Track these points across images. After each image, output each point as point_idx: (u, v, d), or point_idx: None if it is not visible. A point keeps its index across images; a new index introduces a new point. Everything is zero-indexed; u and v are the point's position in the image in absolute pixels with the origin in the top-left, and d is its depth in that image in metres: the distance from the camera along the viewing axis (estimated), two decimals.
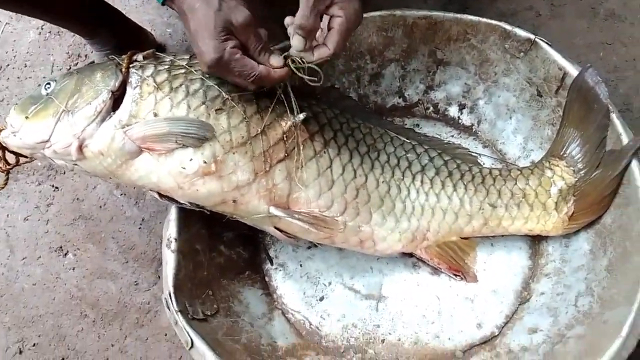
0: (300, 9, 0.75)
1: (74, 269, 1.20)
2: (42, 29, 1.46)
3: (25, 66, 1.42)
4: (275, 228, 0.91)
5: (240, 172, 0.83)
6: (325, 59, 0.79)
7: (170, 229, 0.90)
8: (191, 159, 0.81)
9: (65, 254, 1.21)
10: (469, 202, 0.95)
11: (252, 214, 0.88)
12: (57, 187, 1.27)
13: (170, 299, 0.85)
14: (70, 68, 1.41)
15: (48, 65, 1.42)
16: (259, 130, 0.84)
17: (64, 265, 1.21)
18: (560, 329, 0.87)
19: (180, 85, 0.83)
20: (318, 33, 0.80)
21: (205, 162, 0.81)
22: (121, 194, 1.23)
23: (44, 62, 1.42)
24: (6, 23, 1.47)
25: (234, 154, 0.83)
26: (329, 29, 0.78)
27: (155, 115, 0.81)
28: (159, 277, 1.15)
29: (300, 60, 0.80)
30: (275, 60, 0.80)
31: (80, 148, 0.81)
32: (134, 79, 0.83)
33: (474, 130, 1.12)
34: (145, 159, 0.82)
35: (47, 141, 0.82)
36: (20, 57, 1.43)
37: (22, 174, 1.29)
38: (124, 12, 1.30)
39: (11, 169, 0.89)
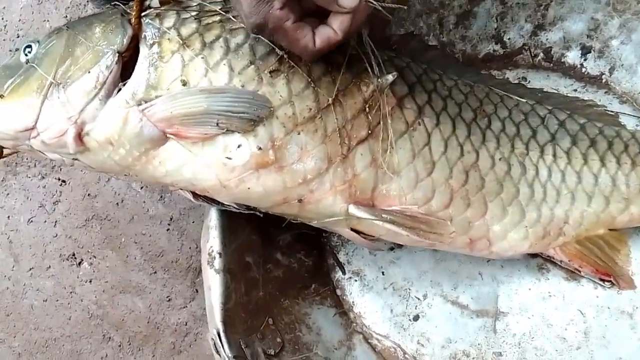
0: None
1: (90, 281, 1.05)
2: None
3: (18, 37, 1.25)
4: (353, 230, 0.72)
5: (309, 159, 0.64)
6: None
7: (212, 240, 0.71)
8: (239, 145, 0.61)
9: (80, 263, 1.07)
10: (624, 180, 0.76)
11: (325, 216, 0.68)
12: (64, 181, 1.11)
13: (220, 340, 0.67)
14: None
15: (44, 32, 1.23)
16: (331, 98, 0.64)
17: (78, 276, 1.06)
18: None
19: (217, 38, 0.63)
20: None
21: (259, 149, 0.61)
22: (141, 188, 1.07)
23: (40, 30, 1.25)
24: None
25: (298, 134, 0.63)
26: None
27: (185, 84, 0.60)
28: (197, 291, 1.00)
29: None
30: (345, 1, 0.55)
31: (79, 136, 0.61)
32: (149, 32, 0.62)
33: (604, 80, 0.92)
34: (172, 148, 0.61)
35: (32, 128, 0.62)
36: (12, 26, 1.27)
37: (22, 166, 1.14)
38: None
39: None
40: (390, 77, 0.66)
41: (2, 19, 1.26)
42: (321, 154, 0.64)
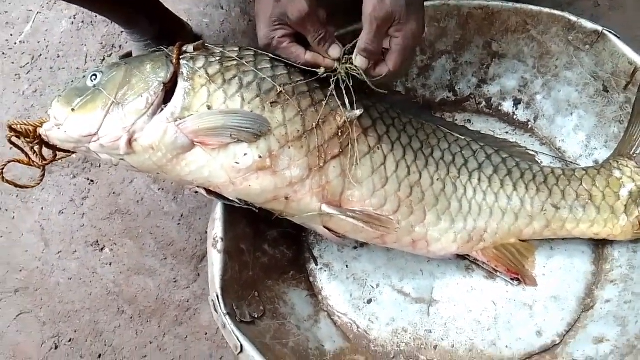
0: (365, 32, 0.76)
1: (110, 264, 1.18)
2: (74, 18, 1.43)
3: (58, 57, 1.40)
4: (325, 227, 0.88)
5: (295, 167, 0.80)
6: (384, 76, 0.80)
7: (217, 229, 0.87)
8: (245, 154, 0.78)
9: (102, 249, 1.19)
10: (530, 202, 0.91)
11: (304, 211, 0.84)
12: (92, 181, 1.25)
13: (218, 301, 0.82)
14: (104, 59, 1.39)
15: (81, 56, 1.39)
16: (314, 124, 0.81)
17: (100, 260, 1.19)
18: (630, 339, 0.82)
19: (234, 77, 0.80)
20: None
21: (260, 157, 0.78)
22: (159, 189, 1.21)
23: (77, 52, 1.39)
24: (37, 12, 1.45)
25: (289, 148, 0.80)
26: (389, 48, 0.78)
27: (209, 108, 0.78)
28: (199, 275, 1.13)
29: (355, 67, 0.80)
30: (334, 51, 0.80)
31: (129, 142, 0.78)
32: (185, 70, 0.80)
33: (530, 126, 1.07)
34: (197, 153, 0.78)
35: (94, 134, 0.78)
36: (53, 47, 1.41)
37: (57, 166, 1.27)
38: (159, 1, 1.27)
39: (48, 164, 0.85)
40: (357, 112, 0.82)
41: (45, 39, 1.40)
42: (304, 164, 0.80)
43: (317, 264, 1.01)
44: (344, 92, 0.83)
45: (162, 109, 0.78)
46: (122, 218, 1.20)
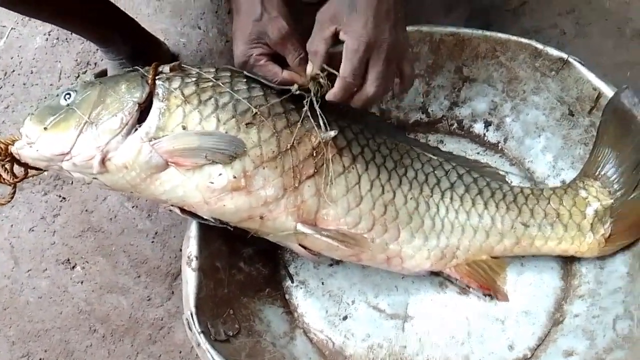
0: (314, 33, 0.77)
1: (82, 282, 1.17)
2: (49, 34, 1.42)
3: (32, 72, 1.39)
4: (300, 245, 0.89)
5: (270, 187, 0.81)
6: (345, 88, 0.78)
7: (191, 247, 0.87)
8: (220, 174, 0.79)
9: (73, 267, 1.18)
10: (500, 220, 0.93)
11: (279, 230, 0.85)
12: (64, 198, 1.24)
13: (192, 319, 0.82)
14: (78, 76, 1.38)
15: (55, 72, 1.38)
16: (289, 145, 0.82)
17: (71, 278, 1.17)
18: (598, 352, 0.85)
19: (209, 98, 0.80)
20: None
21: (234, 177, 0.79)
22: (133, 207, 1.20)
23: (51, 69, 1.38)
24: (12, 28, 1.43)
25: (264, 168, 0.80)
26: None
27: (184, 128, 0.78)
28: (173, 293, 1.13)
29: (327, 83, 0.81)
30: (311, 70, 0.81)
31: (103, 161, 0.78)
32: (160, 91, 0.80)
33: (500, 147, 1.10)
34: (171, 173, 0.79)
35: (67, 153, 0.78)
36: (26, 63, 1.39)
37: (28, 183, 1.26)
38: (136, 20, 1.27)
39: (19, 182, 0.84)
40: (332, 133, 0.83)
41: (18, 55, 1.38)
42: (279, 184, 0.80)
43: (293, 281, 1.01)
44: (319, 113, 0.83)
45: (137, 129, 0.78)
46: (94, 236, 1.19)
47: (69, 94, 0.82)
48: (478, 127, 1.11)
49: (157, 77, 0.81)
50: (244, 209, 0.81)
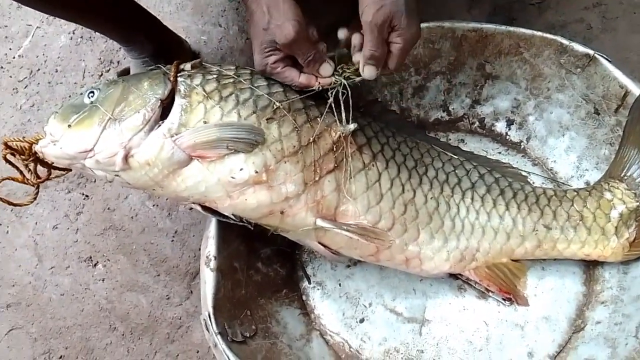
0: (368, 40, 0.76)
1: (103, 280, 1.18)
2: (73, 33, 1.44)
3: (57, 71, 1.40)
4: (319, 243, 0.88)
5: (291, 182, 0.81)
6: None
7: (210, 247, 0.87)
8: (242, 168, 0.79)
9: (95, 265, 1.19)
10: (521, 222, 0.91)
11: (299, 226, 0.85)
12: (87, 196, 1.25)
13: (210, 320, 0.82)
14: (102, 74, 1.40)
15: (79, 71, 1.40)
16: (310, 139, 0.82)
17: (93, 276, 1.19)
18: None
19: (230, 94, 0.81)
20: None
21: (256, 172, 0.79)
22: (153, 205, 1.21)
23: (75, 67, 1.40)
24: (37, 27, 1.45)
25: (285, 163, 0.81)
26: (390, 52, 0.78)
27: (206, 123, 0.78)
28: (192, 292, 1.13)
29: (348, 71, 0.82)
30: (325, 70, 0.82)
31: (126, 158, 0.78)
32: (182, 87, 0.81)
33: (522, 147, 1.08)
34: (194, 167, 0.79)
35: (90, 150, 0.79)
36: (51, 62, 1.41)
37: (52, 181, 1.19)
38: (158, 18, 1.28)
39: (42, 182, 0.85)
40: (351, 126, 0.83)
41: (44, 54, 1.40)
42: (300, 179, 0.80)
43: (310, 282, 1.00)
44: (342, 106, 0.83)
45: (159, 125, 0.79)
46: (116, 234, 1.20)
47: (92, 92, 0.83)
48: (500, 126, 1.09)
49: (178, 75, 0.82)
50: (265, 204, 0.81)
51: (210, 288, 0.84)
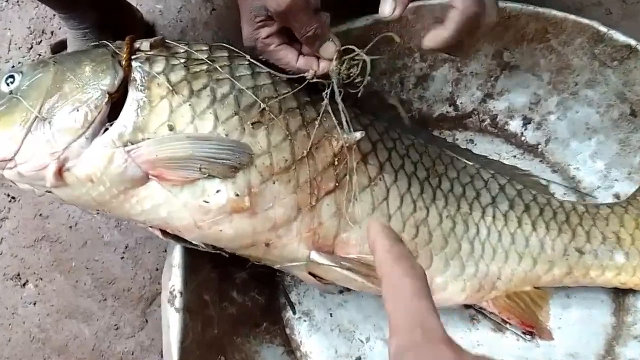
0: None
1: (35, 303, 0.98)
2: None
3: None
4: (310, 273, 0.72)
5: (280, 207, 0.64)
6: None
7: (174, 279, 0.69)
8: (218, 190, 0.61)
9: (24, 284, 1.00)
10: (551, 245, 0.78)
11: (288, 260, 0.69)
12: (13, 198, 1.04)
13: None
14: (32, 47, 1.17)
15: (4, 43, 1.17)
16: (306, 151, 0.65)
17: (22, 297, 0.99)
18: None
19: (204, 87, 0.62)
20: None
21: (237, 195, 0.61)
22: (97, 213, 1.00)
23: (0, 38, 1.18)
24: None
25: (274, 183, 0.63)
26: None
27: (171, 128, 0.59)
28: (146, 321, 0.95)
29: (354, 59, 0.65)
30: (326, 50, 0.65)
31: (59, 171, 0.59)
32: (138, 76, 0.61)
33: (540, 150, 0.95)
34: (152, 188, 0.60)
35: (9, 160, 0.59)
36: None
37: None
38: None
39: None
40: (358, 135, 0.67)
41: None
42: (292, 203, 0.64)
43: (294, 312, 0.84)
44: (340, 107, 0.66)
45: (107, 129, 0.59)
46: (50, 247, 1.00)
47: (12, 76, 0.63)
48: (515, 125, 0.96)
49: (133, 57, 0.63)
50: (246, 234, 0.64)
51: (175, 334, 0.66)
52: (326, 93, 0.66)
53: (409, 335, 0.32)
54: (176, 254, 0.70)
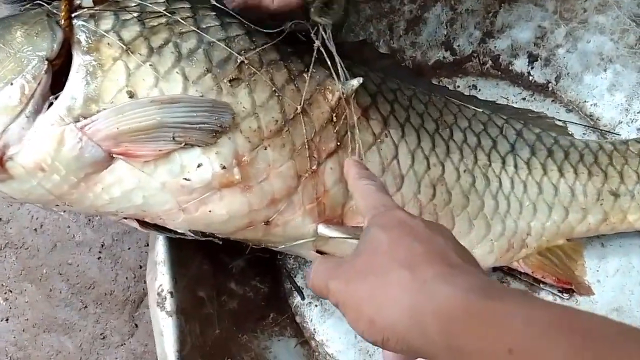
0: None
1: (7, 319, 0.87)
2: None
3: None
4: (318, 252, 0.65)
5: (277, 177, 0.56)
6: None
7: (161, 278, 0.60)
8: (200, 165, 0.52)
9: None
10: (582, 191, 0.72)
11: (292, 238, 0.61)
12: None
13: None
14: None
15: None
16: (299, 107, 0.56)
17: None
18: None
19: (166, 43, 0.53)
20: None
21: (223, 167, 0.52)
22: (64, 210, 0.89)
23: None
24: None
25: (266, 149, 0.55)
26: None
27: (132, 95, 0.50)
28: (136, 326, 0.85)
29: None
30: None
31: (0, 162, 0.49)
32: (83, 36, 0.51)
33: (550, 89, 0.88)
34: (120, 171, 0.51)
35: None
36: None
37: None
38: None
39: None
40: (355, 82, 0.59)
41: None
42: (290, 171, 0.56)
43: (303, 298, 0.76)
44: (334, 51, 0.59)
45: (51, 103, 0.49)
46: (15, 254, 0.89)
47: None
48: (520, 64, 0.89)
49: (74, 15, 0.52)
50: (242, 213, 0.56)
51: (171, 343, 0.58)
52: (315, 35, 0.57)
53: (374, 210, 0.44)
54: (159, 249, 0.60)
